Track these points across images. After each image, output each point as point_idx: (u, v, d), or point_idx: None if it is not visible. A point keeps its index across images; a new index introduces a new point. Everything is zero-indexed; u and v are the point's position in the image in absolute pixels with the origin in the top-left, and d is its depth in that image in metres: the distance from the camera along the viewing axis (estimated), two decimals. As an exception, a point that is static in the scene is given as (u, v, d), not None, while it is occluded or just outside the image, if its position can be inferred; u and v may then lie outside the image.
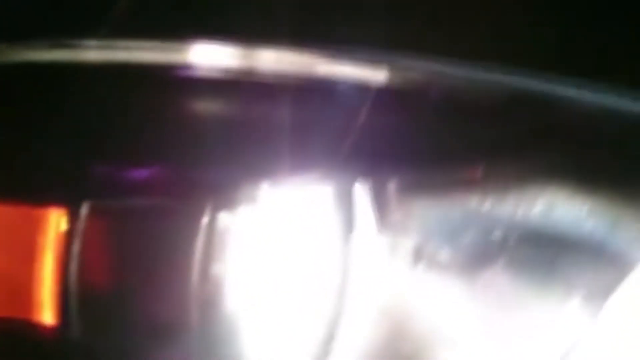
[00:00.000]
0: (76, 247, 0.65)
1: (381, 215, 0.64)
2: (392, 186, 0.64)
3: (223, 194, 0.64)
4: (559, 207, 0.64)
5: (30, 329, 0.66)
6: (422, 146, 0.66)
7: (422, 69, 0.66)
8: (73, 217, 0.65)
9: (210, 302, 0.65)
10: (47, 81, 0.67)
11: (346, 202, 0.64)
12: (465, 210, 0.64)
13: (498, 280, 0.64)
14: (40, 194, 0.65)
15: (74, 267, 0.65)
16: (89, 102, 0.67)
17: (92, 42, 0.67)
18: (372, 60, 0.66)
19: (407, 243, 0.64)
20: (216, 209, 0.64)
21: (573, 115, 0.67)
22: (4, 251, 0.67)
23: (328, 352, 0.65)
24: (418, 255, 0.64)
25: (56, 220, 0.65)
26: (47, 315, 0.66)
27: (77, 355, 0.66)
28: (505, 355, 0.65)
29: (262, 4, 0.69)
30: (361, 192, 0.64)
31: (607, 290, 0.64)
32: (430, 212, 0.64)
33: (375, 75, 0.66)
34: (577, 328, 0.65)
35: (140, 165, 0.66)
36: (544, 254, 0.64)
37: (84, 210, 0.65)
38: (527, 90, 0.67)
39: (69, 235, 0.65)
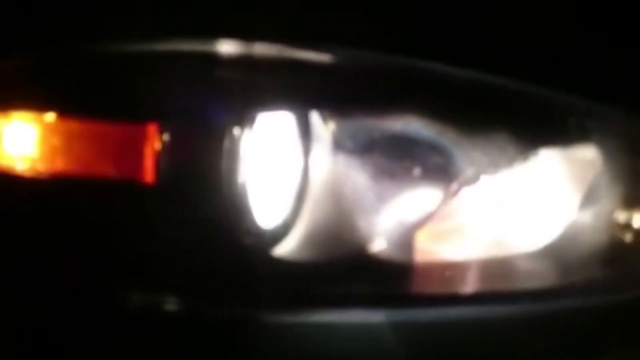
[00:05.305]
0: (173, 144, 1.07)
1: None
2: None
3: (237, 122, 1.11)
4: (419, 130, 1.12)
5: (138, 185, 1.04)
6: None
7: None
8: (162, 130, 1.07)
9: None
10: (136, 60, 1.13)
11: (304, 122, 1.15)
12: (359, 124, 1.16)
13: (379, 164, 1.16)
14: (144, 114, 1.07)
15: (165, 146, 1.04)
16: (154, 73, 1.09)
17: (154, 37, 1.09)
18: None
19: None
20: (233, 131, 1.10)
21: (428, 79, 1.10)
22: (117, 144, 1.09)
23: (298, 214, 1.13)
24: (339, 146, 1.17)
25: (153, 131, 1.07)
26: (148, 175, 1.04)
27: (170, 206, 1.06)
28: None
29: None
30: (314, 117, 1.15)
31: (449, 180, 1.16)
32: (344, 125, 1.17)
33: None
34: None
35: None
36: (407, 152, 1.15)
37: (169, 124, 1.07)
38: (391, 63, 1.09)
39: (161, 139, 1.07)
